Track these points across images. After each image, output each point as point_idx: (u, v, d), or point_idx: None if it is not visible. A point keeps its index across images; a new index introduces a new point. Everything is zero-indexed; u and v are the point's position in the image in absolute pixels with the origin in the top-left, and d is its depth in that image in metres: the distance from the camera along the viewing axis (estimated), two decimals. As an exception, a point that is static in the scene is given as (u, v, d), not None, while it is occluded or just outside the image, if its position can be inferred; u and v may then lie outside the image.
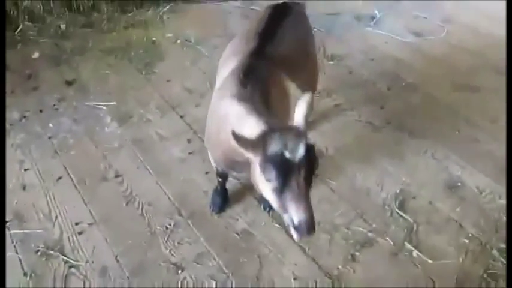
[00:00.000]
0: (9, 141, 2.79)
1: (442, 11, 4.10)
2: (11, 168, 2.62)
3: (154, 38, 3.64)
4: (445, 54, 3.57)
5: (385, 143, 2.80)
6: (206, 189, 2.49)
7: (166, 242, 2.25)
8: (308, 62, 2.37)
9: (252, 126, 1.61)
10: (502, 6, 3.91)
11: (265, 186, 1.56)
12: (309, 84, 2.32)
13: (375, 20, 3.93)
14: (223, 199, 2.40)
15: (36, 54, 3.45)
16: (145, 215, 2.38)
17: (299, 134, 1.56)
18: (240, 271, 2.14)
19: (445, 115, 3.00)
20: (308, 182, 1.55)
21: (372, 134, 2.87)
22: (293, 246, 2.24)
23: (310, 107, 1.73)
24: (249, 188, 2.49)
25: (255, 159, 1.58)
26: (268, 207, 2.39)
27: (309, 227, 1.50)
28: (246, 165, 2.01)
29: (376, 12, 3.99)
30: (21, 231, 2.30)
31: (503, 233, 2.32)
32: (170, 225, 2.32)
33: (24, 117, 2.94)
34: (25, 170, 2.62)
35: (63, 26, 3.71)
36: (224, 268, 2.14)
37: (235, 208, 2.41)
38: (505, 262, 2.19)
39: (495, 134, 2.87)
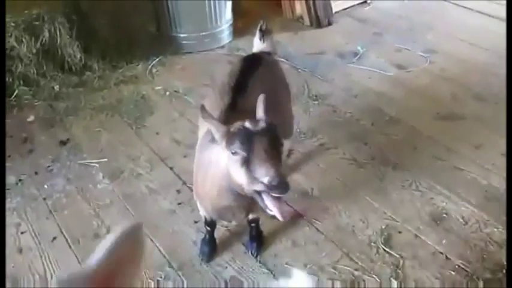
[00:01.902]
0: (6, 205, 2.89)
1: (424, 43, 4.19)
2: (9, 232, 2.70)
3: (144, 92, 3.76)
4: (427, 84, 3.65)
5: (370, 179, 2.85)
6: (195, 239, 2.55)
7: (157, 295, 2.31)
8: (281, 109, 2.43)
9: None
10: (485, 35, 4.03)
11: (234, 163, 1.68)
12: (284, 130, 2.37)
13: (358, 56, 4.03)
14: (212, 248, 2.46)
15: (31, 118, 3.58)
16: (136, 269, 2.43)
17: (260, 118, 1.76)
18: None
19: (428, 146, 3.06)
20: (274, 151, 1.67)
21: (357, 171, 2.92)
22: (280, 291, 2.28)
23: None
24: (236, 235, 2.56)
25: (222, 147, 1.73)
26: (256, 252, 2.45)
27: (281, 181, 1.60)
28: (235, 209, 2.09)
29: (359, 48, 4.09)
30: (17, 295, 2.38)
31: (489, 262, 2.34)
32: (161, 277, 2.38)
33: (20, 180, 3.04)
34: (21, 233, 2.69)
35: (56, 87, 3.84)
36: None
37: (224, 256, 2.46)
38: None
39: (479, 160, 2.91)
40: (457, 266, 2.33)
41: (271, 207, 1.70)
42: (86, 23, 3.99)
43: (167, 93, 3.76)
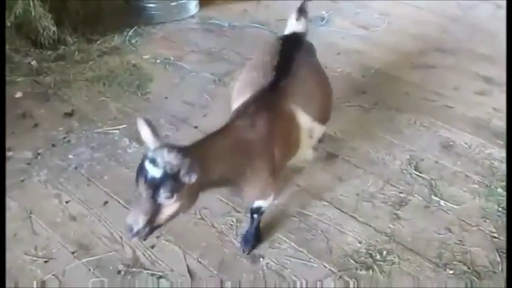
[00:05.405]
0: (34, 178, 2.77)
1: (376, 7, 4.64)
2: (51, 204, 2.62)
3: (133, 62, 3.73)
4: (394, 41, 4.10)
5: (380, 121, 3.21)
6: (249, 185, 2.71)
7: (236, 236, 2.44)
8: (323, 94, 2.41)
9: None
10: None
11: None
12: (322, 114, 2.35)
13: (325, 20, 4.37)
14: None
15: (19, 94, 3.38)
16: (205, 218, 2.54)
17: (173, 152, 1.65)
18: (312, 247, 2.40)
19: (417, 90, 3.50)
20: (154, 194, 1.66)
21: (366, 115, 3.26)
22: (345, 217, 2.55)
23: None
24: (286, 180, 2.75)
25: None
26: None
27: (128, 229, 1.70)
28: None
29: (324, 12, 4.43)
30: (93, 257, 2.35)
31: (499, 174, 2.81)
32: (233, 221, 2.52)
33: (39, 154, 2.92)
34: (66, 202, 2.63)
35: (34, 63, 3.65)
36: (297, 247, 2.39)
37: (282, 198, 2.65)
38: (508, 196, 2.68)
39: (461, 99, 3.41)
40: (476, 180, 2.78)
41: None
42: (56, -6, 3.82)
43: (157, 61, 3.77)
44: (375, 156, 2.93)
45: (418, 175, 2.81)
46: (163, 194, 1.66)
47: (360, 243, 2.42)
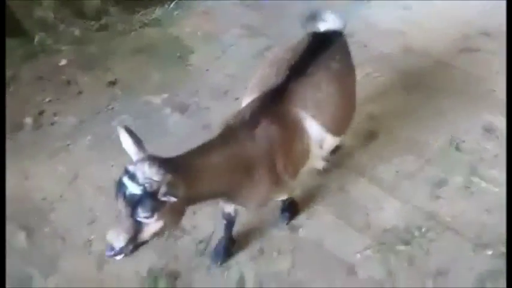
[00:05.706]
0: (79, 143, 2.86)
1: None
2: (95, 168, 2.71)
3: (175, 34, 3.77)
4: (437, 23, 4.01)
5: (422, 102, 3.17)
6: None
7: (275, 205, 2.47)
8: (340, 100, 2.11)
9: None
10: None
11: None
12: (337, 125, 2.12)
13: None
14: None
15: (63, 61, 3.47)
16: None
17: (154, 166, 1.55)
18: (351, 220, 2.42)
19: (459, 74, 3.42)
20: (133, 213, 1.54)
21: (408, 96, 3.23)
22: (385, 195, 2.56)
23: None
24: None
25: None
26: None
27: (109, 247, 1.59)
28: None
29: (365, -8, 4.38)
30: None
31: (542, 159, 2.78)
32: (273, 192, 2.55)
33: (83, 120, 3.00)
34: (111, 166, 2.71)
35: (77, 32, 3.73)
36: (337, 219, 2.42)
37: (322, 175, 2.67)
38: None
39: (502, 83, 3.33)
40: (518, 164, 2.75)
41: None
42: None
43: (198, 33, 3.79)
44: (416, 136, 2.91)
45: (459, 156, 2.79)
46: (142, 214, 1.53)
47: (399, 219, 2.43)
